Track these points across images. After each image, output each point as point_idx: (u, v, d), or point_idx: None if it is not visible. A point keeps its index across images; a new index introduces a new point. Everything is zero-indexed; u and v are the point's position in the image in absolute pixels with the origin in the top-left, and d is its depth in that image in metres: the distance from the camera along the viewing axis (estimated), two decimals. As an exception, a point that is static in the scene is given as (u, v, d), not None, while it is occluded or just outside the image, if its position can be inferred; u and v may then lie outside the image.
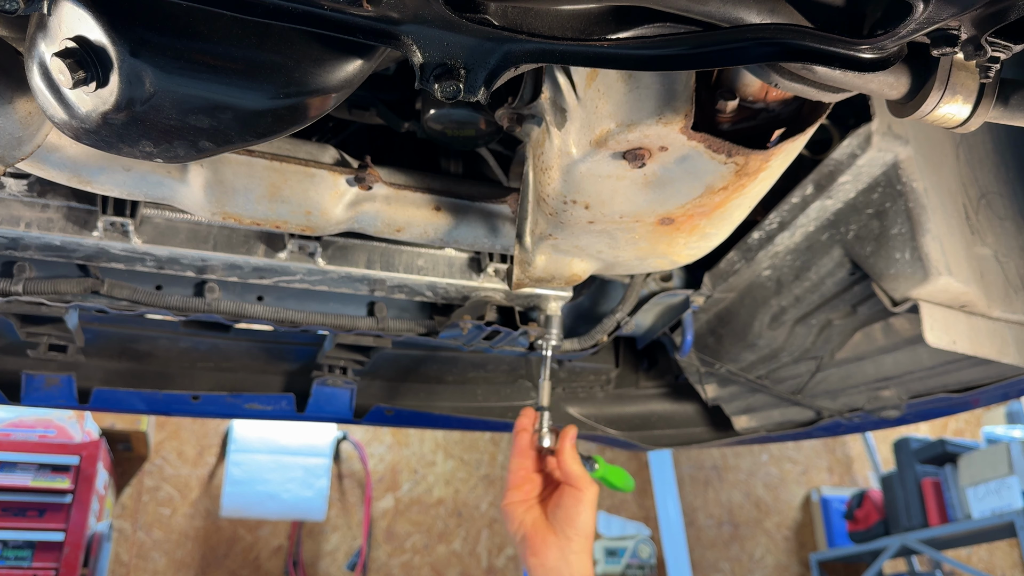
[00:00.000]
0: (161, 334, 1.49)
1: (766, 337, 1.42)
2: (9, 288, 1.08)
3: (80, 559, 2.94)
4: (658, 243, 0.97)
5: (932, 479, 3.73)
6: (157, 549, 3.59)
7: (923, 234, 1.07)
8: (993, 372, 1.28)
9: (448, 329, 1.28)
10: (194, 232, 1.09)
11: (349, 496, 3.89)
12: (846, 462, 4.77)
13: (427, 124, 1.05)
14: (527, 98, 0.84)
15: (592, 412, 1.75)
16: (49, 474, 3.00)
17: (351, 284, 1.19)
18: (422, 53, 0.53)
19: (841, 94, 0.62)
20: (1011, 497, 3.37)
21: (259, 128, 0.60)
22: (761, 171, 0.81)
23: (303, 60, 0.58)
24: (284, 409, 1.51)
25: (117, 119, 0.57)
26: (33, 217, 1.02)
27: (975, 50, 0.53)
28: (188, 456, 3.74)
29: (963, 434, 4.81)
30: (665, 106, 0.71)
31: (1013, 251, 1.19)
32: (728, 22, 0.55)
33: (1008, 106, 0.60)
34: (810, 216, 1.18)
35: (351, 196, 1.00)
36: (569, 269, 1.07)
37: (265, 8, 0.49)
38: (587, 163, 0.80)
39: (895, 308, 1.12)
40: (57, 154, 0.86)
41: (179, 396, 1.45)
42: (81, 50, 0.54)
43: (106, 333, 1.45)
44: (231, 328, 1.50)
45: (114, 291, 1.14)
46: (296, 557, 3.72)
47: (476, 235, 1.10)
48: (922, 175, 1.08)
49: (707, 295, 1.38)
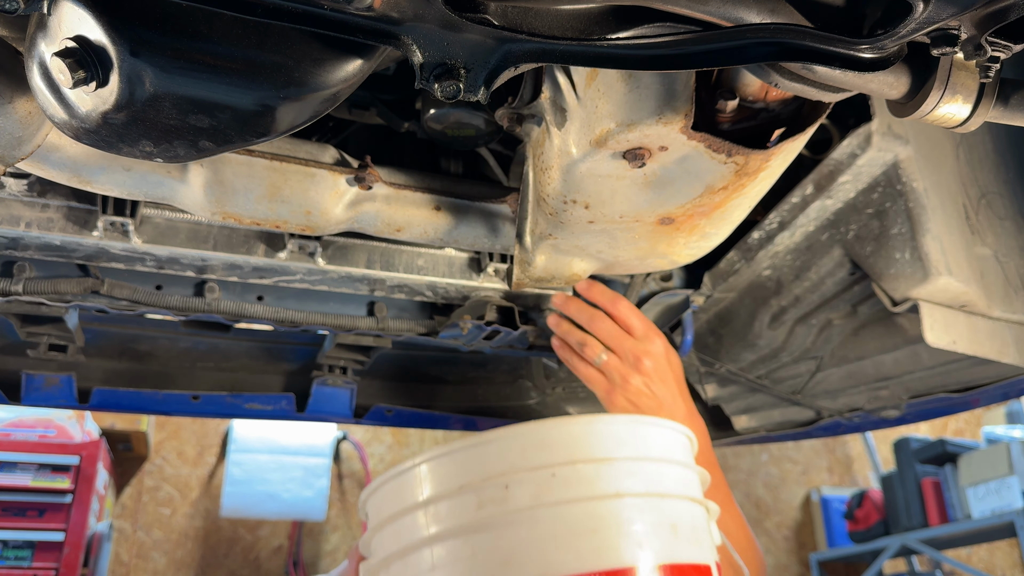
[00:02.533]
0: (161, 334, 1.49)
1: (766, 337, 1.42)
2: (9, 288, 1.08)
3: (80, 559, 2.94)
4: (658, 243, 0.97)
5: (932, 479, 3.73)
6: (157, 549, 3.59)
7: (923, 234, 1.07)
8: (993, 372, 1.28)
9: (448, 329, 1.28)
10: (194, 232, 1.09)
11: (349, 496, 3.89)
12: (846, 462, 4.78)
13: (427, 124, 1.05)
14: (527, 98, 0.84)
15: (592, 412, 1.75)
16: (49, 474, 3.00)
17: (351, 284, 1.19)
18: (422, 53, 0.53)
19: (841, 94, 0.62)
20: (1011, 497, 3.37)
21: (259, 128, 0.60)
22: (761, 171, 0.81)
23: (303, 60, 0.58)
24: (284, 409, 1.51)
25: (117, 119, 0.57)
26: (33, 217, 1.02)
27: (975, 50, 0.53)
28: (188, 456, 3.75)
29: (963, 434, 4.81)
30: (665, 106, 0.71)
31: (1013, 251, 1.19)
32: (728, 22, 0.55)
33: (1008, 106, 0.60)
34: (810, 216, 1.18)
35: (351, 196, 1.00)
36: (569, 269, 1.07)
37: (265, 8, 0.49)
38: (587, 163, 0.80)
39: (895, 308, 1.12)
40: (57, 154, 0.86)
41: (179, 396, 1.45)
42: (81, 50, 0.54)
43: (106, 333, 1.45)
44: (231, 328, 1.50)
45: (114, 291, 1.14)
46: (296, 557, 3.72)
47: (476, 235, 1.11)
48: (922, 175, 1.08)
49: (707, 295, 1.38)
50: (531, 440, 0.81)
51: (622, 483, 0.80)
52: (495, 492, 0.79)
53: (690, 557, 0.80)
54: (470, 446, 0.82)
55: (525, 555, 0.76)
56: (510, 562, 0.76)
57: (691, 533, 0.82)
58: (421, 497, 0.82)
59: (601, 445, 0.83)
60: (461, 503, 0.80)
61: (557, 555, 0.75)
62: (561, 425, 0.83)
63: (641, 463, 0.84)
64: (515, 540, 0.77)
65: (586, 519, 0.77)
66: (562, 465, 0.79)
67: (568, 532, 0.76)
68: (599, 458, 0.82)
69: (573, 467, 0.80)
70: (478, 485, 0.79)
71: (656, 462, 0.85)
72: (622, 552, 0.76)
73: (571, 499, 0.78)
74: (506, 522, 0.78)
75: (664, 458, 0.86)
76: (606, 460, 0.81)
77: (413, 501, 0.83)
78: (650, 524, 0.79)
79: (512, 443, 0.81)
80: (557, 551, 0.76)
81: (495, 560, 0.77)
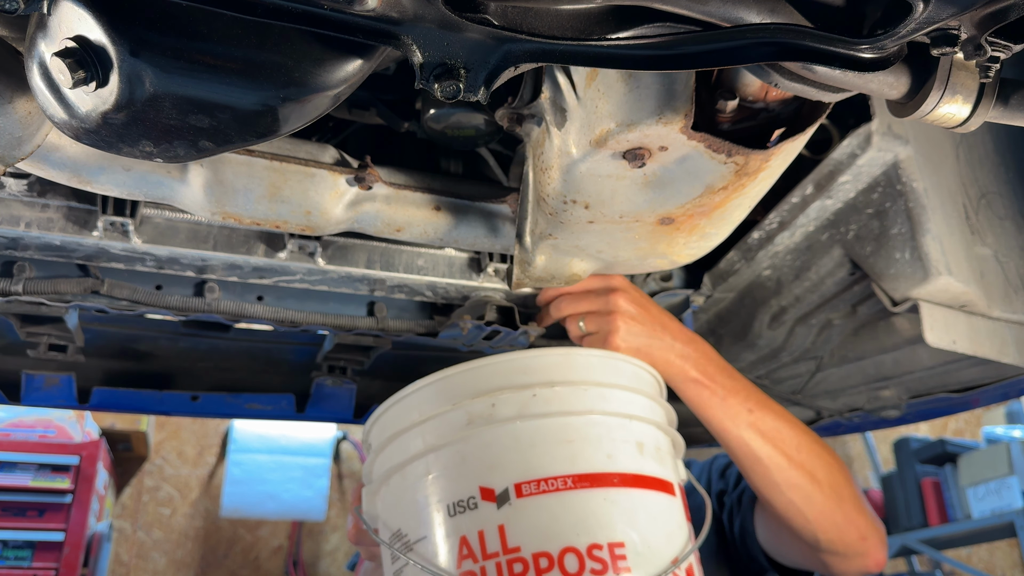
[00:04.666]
0: (161, 334, 1.49)
1: (766, 337, 1.42)
2: (9, 288, 1.08)
3: (80, 559, 2.94)
4: (658, 243, 0.97)
5: (932, 479, 3.73)
6: (157, 549, 3.59)
7: (923, 234, 1.07)
8: (993, 372, 1.28)
9: (448, 329, 1.28)
10: (194, 232, 1.09)
11: (349, 496, 3.89)
12: (846, 462, 4.77)
13: (427, 124, 1.05)
14: (527, 98, 0.84)
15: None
16: (49, 474, 3.00)
17: (351, 284, 1.19)
18: (422, 53, 0.53)
19: (841, 94, 0.62)
20: (1011, 497, 3.37)
21: (259, 128, 0.60)
22: (761, 171, 0.81)
23: (303, 60, 0.58)
24: (284, 409, 1.51)
25: (117, 119, 0.57)
26: (33, 217, 1.02)
27: (975, 50, 0.53)
28: (188, 456, 3.75)
29: (963, 434, 4.81)
30: (665, 106, 0.71)
31: (1013, 251, 1.19)
32: (728, 22, 0.55)
33: (1008, 106, 0.60)
34: (810, 216, 1.18)
35: (351, 196, 1.01)
36: (569, 269, 1.07)
37: (265, 8, 0.49)
38: (587, 163, 0.80)
39: (895, 308, 1.12)
40: (57, 154, 0.86)
41: (179, 396, 1.45)
42: (81, 50, 0.54)
43: (106, 333, 1.45)
44: (231, 328, 1.50)
45: (114, 291, 1.14)
46: (296, 557, 3.72)
47: (476, 235, 1.11)
48: (922, 175, 1.08)
49: (707, 295, 1.38)
50: (515, 366, 0.95)
51: (594, 404, 0.94)
52: (483, 409, 0.92)
53: (653, 471, 0.93)
54: (461, 371, 0.95)
55: (508, 460, 0.89)
56: (495, 466, 0.89)
57: (655, 453, 0.96)
58: (418, 417, 0.95)
59: (577, 372, 0.97)
60: (453, 418, 0.93)
61: (536, 460, 0.89)
62: (542, 354, 0.97)
63: (612, 389, 0.97)
64: (500, 447, 0.90)
65: (562, 431, 0.91)
66: (542, 386, 0.93)
67: (545, 441, 0.90)
68: (575, 381, 0.95)
69: (552, 388, 0.93)
70: (468, 403, 0.92)
71: (625, 390, 0.98)
72: (592, 459, 0.89)
73: (549, 413, 0.91)
74: (492, 433, 0.90)
75: (632, 388, 0.99)
76: (581, 383, 0.95)
77: (410, 422, 0.95)
78: (618, 440, 0.92)
79: (498, 367, 0.95)
80: (536, 457, 0.89)
81: (483, 464, 0.89)
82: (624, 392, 0.98)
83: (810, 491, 1.12)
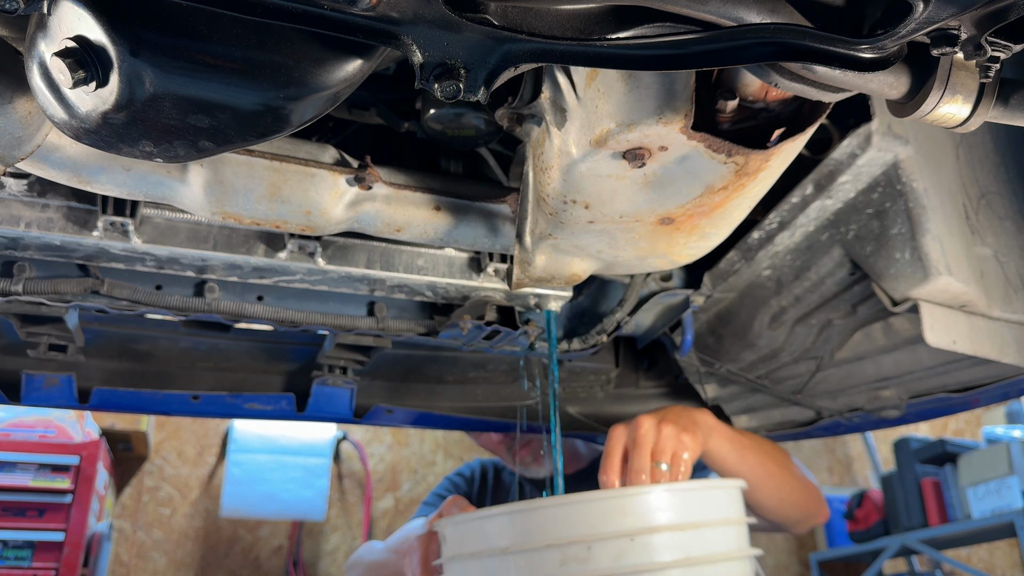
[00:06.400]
0: (161, 334, 1.49)
1: (766, 337, 1.42)
2: (9, 288, 1.08)
3: (80, 559, 2.93)
4: (658, 243, 0.97)
5: (932, 479, 3.72)
6: (157, 549, 3.59)
7: (923, 234, 1.07)
8: (993, 372, 1.28)
9: (448, 329, 1.28)
10: (194, 232, 1.09)
11: (349, 496, 3.89)
12: (846, 462, 4.77)
13: (427, 124, 1.05)
14: (527, 98, 0.84)
15: (592, 412, 1.75)
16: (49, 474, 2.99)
17: (351, 284, 1.19)
18: (422, 53, 0.53)
19: (841, 94, 0.62)
20: (1011, 497, 3.37)
21: (259, 128, 0.60)
22: (761, 171, 0.81)
23: (303, 60, 0.58)
24: (284, 409, 1.51)
25: (117, 119, 0.57)
26: (33, 217, 1.02)
27: (975, 50, 0.53)
28: (188, 456, 3.74)
29: (963, 434, 4.80)
30: (665, 106, 0.71)
31: (1013, 251, 1.19)
32: (728, 22, 0.55)
33: (1008, 106, 0.60)
34: (810, 216, 1.18)
35: (351, 196, 1.00)
36: (569, 269, 1.07)
37: (265, 8, 0.49)
38: (587, 163, 0.80)
39: (895, 308, 1.12)
40: (57, 154, 0.86)
41: (179, 396, 1.45)
42: (81, 50, 0.54)
43: (106, 333, 1.45)
44: (231, 328, 1.50)
45: (114, 291, 1.14)
46: (296, 557, 3.72)
47: (476, 235, 1.11)
48: (922, 175, 1.08)
49: (707, 295, 1.38)
50: (612, 506, 0.93)
51: (691, 550, 0.93)
52: (578, 552, 0.90)
53: None
54: (554, 506, 0.94)
55: None
56: None
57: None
58: (502, 544, 0.94)
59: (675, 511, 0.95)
60: (545, 557, 0.91)
61: None
62: (640, 493, 0.95)
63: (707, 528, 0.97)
64: None
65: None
66: (640, 533, 0.91)
67: None
68: (676, 525, 0.94)
69: (651, 535, 0.91)
70: (563, 544, 0.91)
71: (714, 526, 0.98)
72: None
73: (647, 566, 0.90)
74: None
75: (728, 519, 1.00)
76: (680, 528, 0.94)
77: (496, 547, 0.95)
78: None
79: (594, 507, 0.93)
80: None
81: None
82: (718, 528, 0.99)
83: (776, 485, 1.35)
